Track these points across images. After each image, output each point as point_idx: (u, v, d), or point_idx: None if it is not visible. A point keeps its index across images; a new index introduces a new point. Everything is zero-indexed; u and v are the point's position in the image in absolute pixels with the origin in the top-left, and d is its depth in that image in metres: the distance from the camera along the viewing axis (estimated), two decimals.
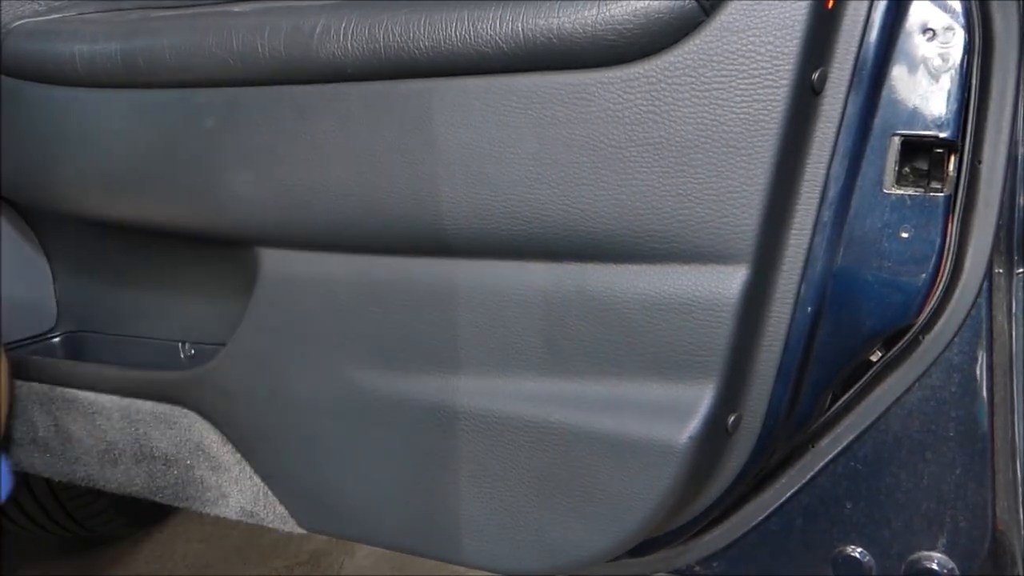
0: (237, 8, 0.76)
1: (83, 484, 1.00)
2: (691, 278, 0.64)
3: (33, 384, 0.98)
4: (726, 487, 0.71)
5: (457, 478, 0.74)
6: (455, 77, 0.65)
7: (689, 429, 0.64)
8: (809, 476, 0.72)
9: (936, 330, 0.67)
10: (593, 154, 0.63)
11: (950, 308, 0.67)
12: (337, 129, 0.70)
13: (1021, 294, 0.67)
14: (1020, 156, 0.66)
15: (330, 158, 0.71)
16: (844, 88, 0.63)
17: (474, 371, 0.72)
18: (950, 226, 0.65)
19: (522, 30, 0.62)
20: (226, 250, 0.85)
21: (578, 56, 0.61)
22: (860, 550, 0.72)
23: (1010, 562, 0.69)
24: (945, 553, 0.70)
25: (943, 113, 0.63)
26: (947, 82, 0.63)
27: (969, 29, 0.62)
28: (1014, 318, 0.68)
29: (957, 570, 0.70)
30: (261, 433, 0.85)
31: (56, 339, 1.07)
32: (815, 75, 0.61)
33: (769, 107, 0.59)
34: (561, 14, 0.60)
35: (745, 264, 0.62)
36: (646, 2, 0.58)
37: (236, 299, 0.87)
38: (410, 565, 1.51)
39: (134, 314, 1.02)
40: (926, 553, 0.70)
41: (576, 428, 0.68)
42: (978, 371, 0.67)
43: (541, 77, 0.63)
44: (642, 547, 0.77)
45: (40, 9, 0.88)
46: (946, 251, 0.65)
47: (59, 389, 0.97)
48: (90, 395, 0.95)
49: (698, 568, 0.79)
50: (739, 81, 0.59)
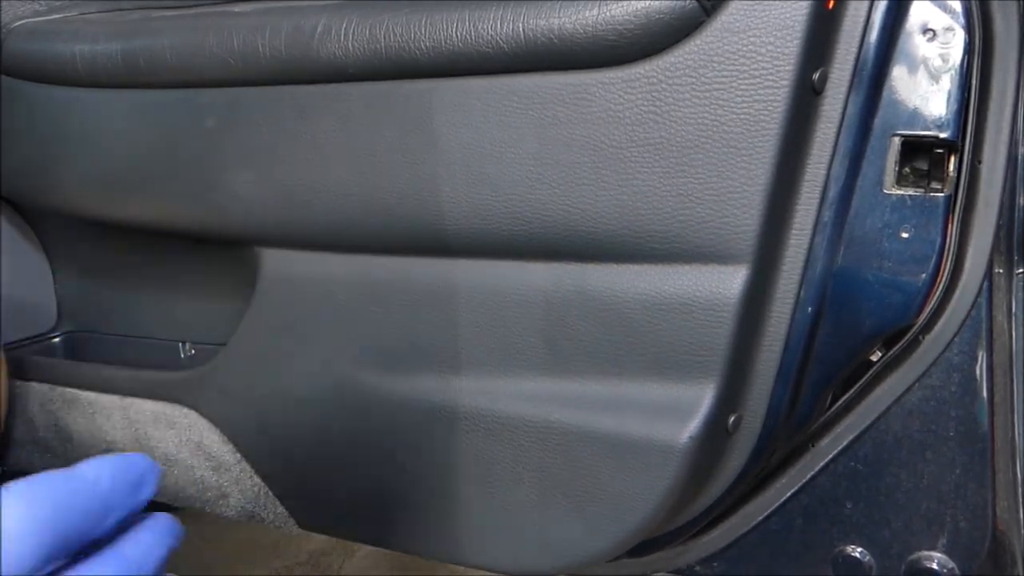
0: (238, 8, 0.76)
1: None
2: (691, 278, 0.64)
3: (33, 384, 0.98)
4: (726, 487, 0.71)
5: (457, 478, 0.74)
6: (456, 77, 0.65)
7: (689, 429, 0.64)
8: (809, 476, 0.73)
9: (936, 330, 0.68)
10: (594, 154, 0.63)
11: (950, 308, 0.67)
12: (338, 129, 0.70)
13: (1021, 294, 0.68)
14: (1020, 156, 0.66)
15: (331, 158, 0.71)
16: (844, 88, 0.63)
17: (474, 371, 0.72)
18: (950, 226, 0.65)
19: (523, 30, 0.62)
20: (226, 250, 0.85)
21: (579, 56, 0.61)
22: (860, 550, 0.72)
23: (1010, 562, 0.69)
24: (945, 553, 0.70)
25: (943, 113, 0.63)
26: (947, 82, 0.63)
27: (969, 29, 0.62)
28: (1014, 318, 0.68)
29: (957, 570, 0.70)
30: (261, 433, 0.85)
31: (56, 339, 1.07)
32: (816, 75, 0.61)
33: (770, 107, 0.59)
34: (562, 14, 0.61)
35: (745, 264, 0.62)
36: (647, 2, 0.58)
37: (236, 299, 0.87)
38: (410, 565, 1.51)
39: (134, 314, 1.02)
40: (926, 553, 0.70)
41: (576, 428, 0.68)
42: (978, 371, 0.67)
43: (542, 77, 0.63)
44: (642, 547, 0.77)
45: (40, 9, 0.88)
46: (946, 251, 0.65)
47: (59, 389, 0.97)
48: (90, 395, 0.95)
49: (698, 568, 0.79)
50: (740, 81, 0.59)
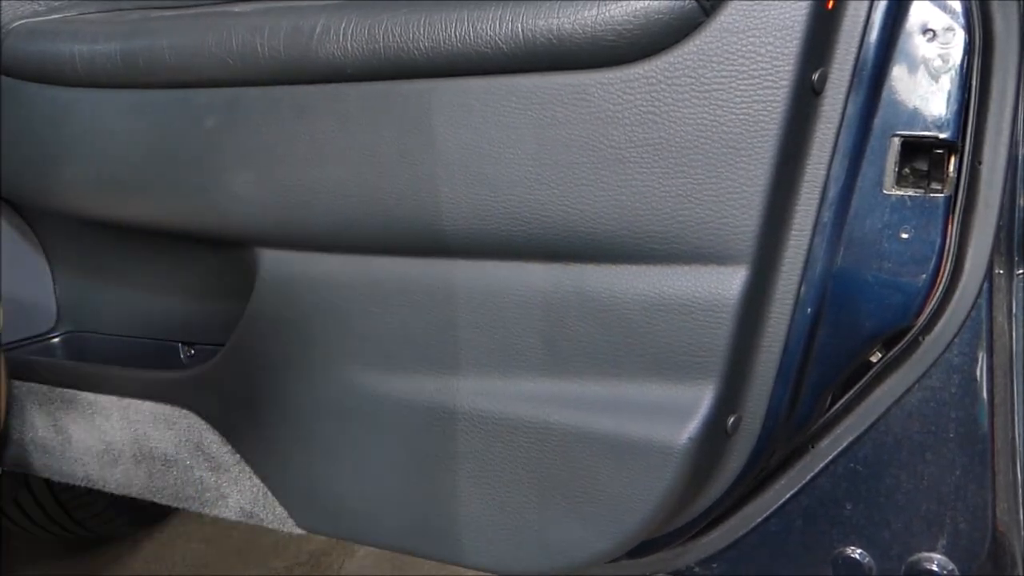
0: (237, 8, 0.76)
1: (83, 484, 1.00)
2: (691, 279, 0.64)
3: (33, 384, 0.98)
4: (726, 488, 0.71)
5: (457, 478, 0.74)
6: (455, 78, 0.65)
7: (689, 430, 0.64)
8: (809, 477, 0.72)
9: (936, 331, 0.67)
10: (593, 155, 0.63)
11: (950, 309, 0.67)
12: (337, 129, 0.70)
13: (1021, 295, 0.67)
14: (1020, 157, 0.66)
15: (330, 158, 0.71)
16: (844, 89, 0.63)
17: (474, 371, 0.72)
18: (950, 227, 0.65)
19: (522, 31, 0.62)
20: (226, 250, 0.85)
21: (578, 57, 0.61)
22: (860, 551, 0.72)
23: (1010, 563, 0.69)
24: (945, 554, 0.70)
25: (943, 114, 0.63)
26: (947, 83, 0.63)
27: (969, 30, 0.62)
28: (1014, 319, 0.67)
29: (957, 571, 0.70)
30: (260, 433, 0.85)
31: (56, 339, 1.07)
32: (815, 75, 0.61)
33: (769, 108, 0.59)
34: (561, 15, 0.60)
35: (745, 265, 0.62)
36: (646, 2, 0.58)
37: (236, 299, 0.87)
38: (410, 565, 1.51)
39: (134, 314, 1.02)
40: (926, 554, 0.70)
41: (576, 429, 0.68)
42: (978, 372, 0.67)
43: (541, 78, 0.63)
44: (642, 548, 0.77)
45: (40, 9, 0.88)
46: (946, 252, 0.65)
47: (59, 389, 0.97)
48: (90, 395, 0.95)
49: (698, 569, 0.79)
50: (739, 82, 0.59)
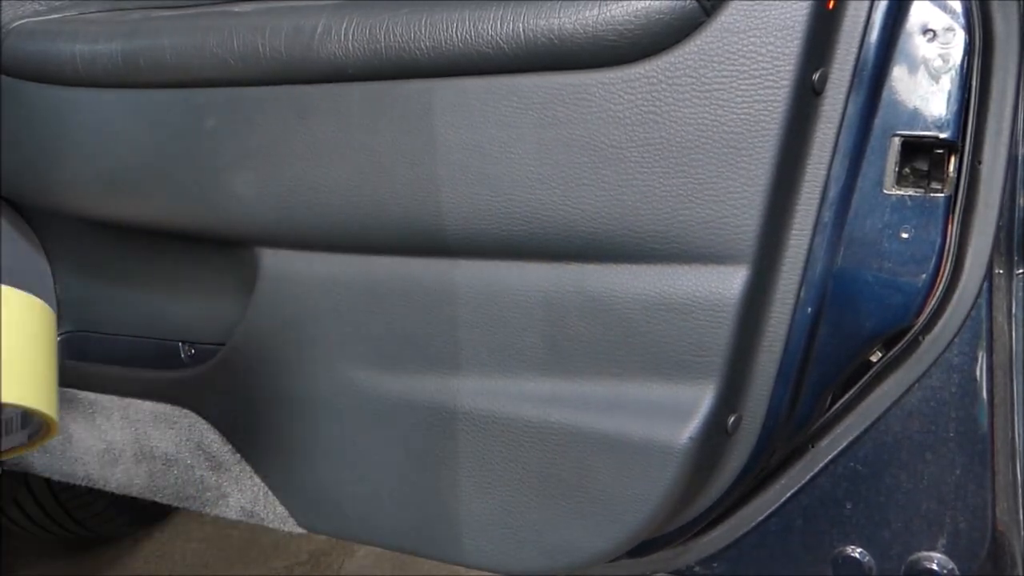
0: (238, 8, 0.76)
1: (83, 484, 1.00)
2: (691, 278, 0.64)
3: None
4: (726, 488, 0.71)
5: (457, 478, 0.74)
6: (456, 77, 0.65)
7: (689, 430, 0.64)
8: (809, 477, 0.72)
9: (936, 331, 0.67)
10: (594, 154, 0.63)
11: (950, 309, 0.67)
12: (337, 129, 0.70)
13: (1021, 295, 0.67)
14: (1020, 157, 0.66)
15: (330, 158, 0.71)
16: (844, 89, 0.63)
17: (474, 371, 0.72)
18: (950, 227, 0.65)
19: (523, 30, 0.62)
20: (226, 250, 0.85)
21: (579, 56, 0.61)
22: (860, 551, 0.72)
23: (1010, 563, 0.69)
24: (945, 554, 0.70)
25: (943, 114, 0.63)
26: (947, 83, 0.63)
27: (969, 30, 0.62)
28: (1014, 319, 0.68)
29: (957, 571, 0.70)
30: (261, 433, 0.85)
31: (57, 339, 1.06)
32: (816, 76, 0.61)
33: (770, 108, 0.59)
34: (562, 14, 0.60)
35: (745, 264, 0.62)
36: (647, 2, 0.58)
37: (236, 299, 0.87)
38: (410, 565, 1.51)
39: (134, 314, 1.02)
40: (926, 554, 0.70)
41: (576, 428, 0.68)
42: (978, 372, 0.67)
43: (542, 77, 0.63)
44: (642, 547, 0.77)
45: (40, 9, 0.88)
46: (946, 252, 0.65)
47: (59, 389, 0.97)
48: (90, 395, 0.95)
49: (698, 568, 0.79)
50: (740, 82, 0.59)
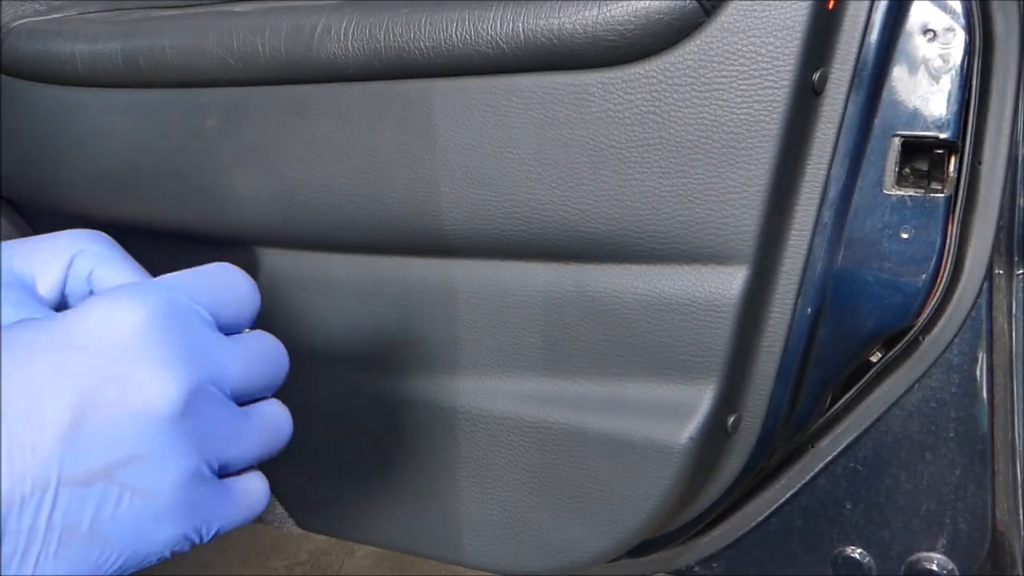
0: (238, 8, 0.76)
1: None
2: (691, 278, 0.64)
3: None
4: (726, 487, 0.71)
5: (457, 478, 0.74)
6: (455, 77, 0.65)
7: (689, 429, 0.64)
8: (809, 477, 0.72)
9: (936, 331, 0.68)
10: (593, 154, 0.63)
11: (950, 309, 0.67)
12: (338, 129, 0.70)
13: (1021, 295, 0.67)
14: (1020, 157, 0.66)
15: (330, 158, 0.71)
16: (845, 89, 0.63)
17: (474, 371, 0.72)
18: (950, 227, 0.65)
19: (523, 30, 0.62)
20: (226, 250, 0.85)
21: (579, 56, 0.61)
22: (860, 551, 0.72)
23: (1010, 563, 0.69)
24: (945, 554, 0.70)
25: (943, 114, 0.63)
26: (947, 83, 0.63)
27: (970, 30, 0.62)
28: (1014, 319, 0.68)
29: (957, 571, 0.70)
30: None
31: None
32: (816, 76, 0.61)
33: (770, 108, 0.59)
34: (562, 14, 0.60)
35: (745, 264, 0.62)
36: (647, 2, 0.58)
37: None
38: (410, 565, 1.51)
39: None
40: (926, 554, 0.70)
41: (576, 428, 0.68)
42: (978, 372, 0.67)
43: (541, 77, 0.63)
44: (642, 547, 0.77)
45: (41, 9, 0.88)
46: (946, 252, 0.65)
47: None
48: None
49: (698, 568, 0.79)
50: (740, 82, 0.59)
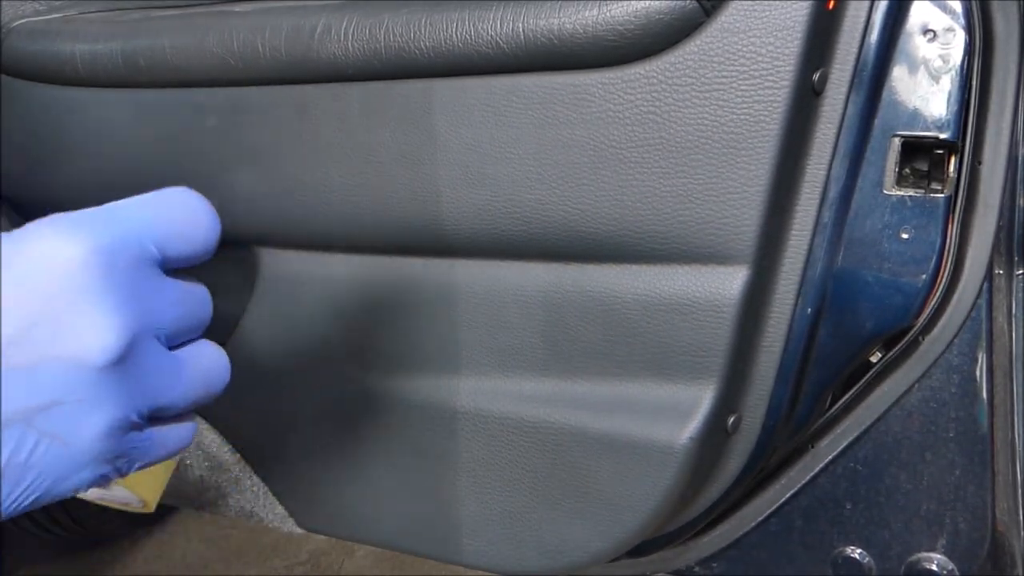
0: (238, 8, 0.76)
1: None
2: (691, 278, 0.64)
3: None
4: (726, 488, 0.71)
5: (457, 478, 0.74)
6: (456, 77, 0.65)
7: (689, 430, 0.64)
8: (809, 477, 0.72)
9: (936, 331, 0.67)
10: (593, 154, 0.63)
11: (950, 309, 0.67)
12: (337, 129, 0.70)
13: (1021, 295, 0.67)
14: (1020, 157, 0.66)
15: (330, 158, 0.71)
16: (845, 89, 0.63)
17: (474, 371, 0.72)
18: (950, 227, 0.65)
19: (523, 31, 0.62)
20: (226, 249, 0.85)
21: (579, 56, 0.61)
22: (860, 551, 0.72)
23: (1010, 563, 0.69)
24: (945, 554, 0.70)
25: (943, 114, 0.63)
26: (947, 83, 0.63)
27: (970, 30, 0.62)
28: (1014, 319, 0.68)
29: (957, 571, 0.70)
30: (260, 433, 0.85)
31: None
32: (816, 76, 0.61)
33: (770, 108, 0.59)
34: (562, 14, 0.60)
35: (745, 265, 0.62)
36: (647, 2, 0.58)
37: (236, 299, 0.87)
38: (410, 565, 1.51)
39: None
40: (926, 554, 0.70)
41: (576, 428, 0.68)
42: (978, 372, 0.67)
43: (542, 77, 0.63)
44: (642, 547, 0.77)
45: (41, 8, 0.88)
46: (946, 252, 0.65)
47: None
48: None
49: (697, 569, 0.79)
50: (740, 82, 0.59)
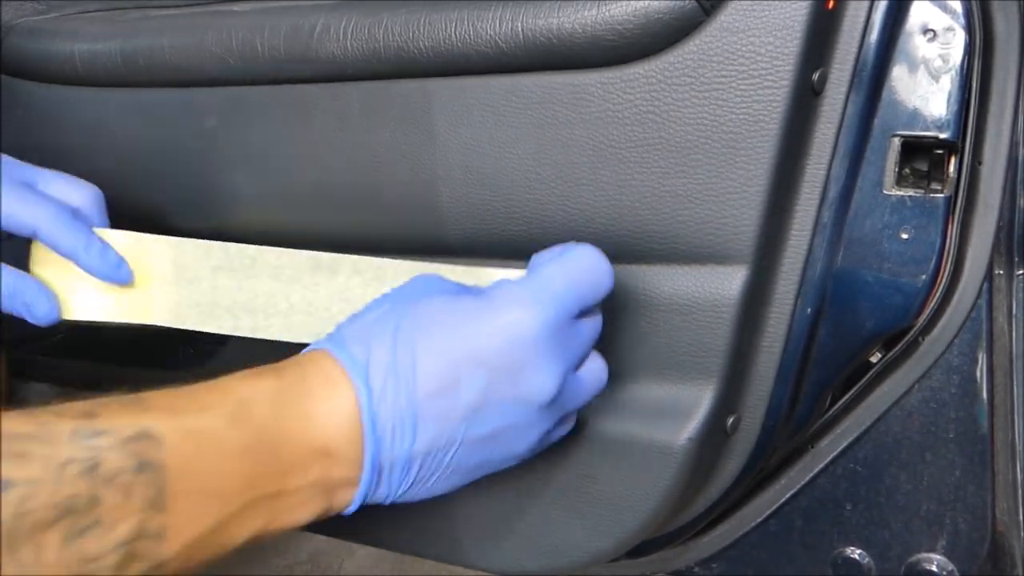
0: (237, 7, 0.76)
1: None
2: (691, 278, 0.63)
3: (33, 384, 0.98)
4: (725, 488, 0.71)
5: None
6: (455, 77, 0.65)
7: (688, 430, 0.64)
8: (808, 477, 0.72)
9: (936, 331, 0.67)
10: (593, 154, 0.63)
11: (950, 309, 0.67)
12: (336, 129, 0.70)
13: (1021, 296, 0.67)
14: (1020, 157, 0.66)
15: (330, 157, 0.71)
16: (844, 89, 0.63)
17: None
18: (950, 227, 0.65)
19: (522, 30, 0.62)
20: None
21: (578, 56, 0.61)
22: (860, 551, 0.72)
23: (1010, 563, 0.69)
24: (945, 555, 0.70)
25: (943, 114, 0.63)
26: (947, 83, 0.63)
27: (970, 30, 0.62)
28: (1014, 320, 0.67)
29: (957, 571, 0.69)
30: None
31: (56, 339, 1.06)
32: (815, 76, 0.61)
33: (769, 108, 0.59)
34: (561, 14, 0.60)
35: (745, 264, 0.62)
36: (646, 2, 0.58)
37: None
38: (410, 565, 1.51)
39: None
40: (926, 555, 0.70)
41: (576, 429, 0.68)
42: (978, 373, 0.67)
43: (541, 77, 0.63)
44: (641, 548, 0.77)
45: (41, 8, 0.88)
46: (946, 252, 0.65)
47: (59, 389, 0.97)
48: (90, 394, 0.94)
49: (697, 569, 0.78)
50: (739, 81, 0.59)
